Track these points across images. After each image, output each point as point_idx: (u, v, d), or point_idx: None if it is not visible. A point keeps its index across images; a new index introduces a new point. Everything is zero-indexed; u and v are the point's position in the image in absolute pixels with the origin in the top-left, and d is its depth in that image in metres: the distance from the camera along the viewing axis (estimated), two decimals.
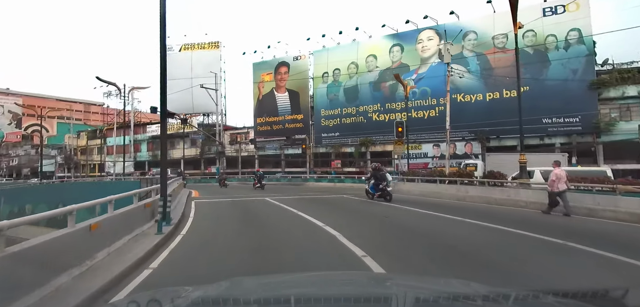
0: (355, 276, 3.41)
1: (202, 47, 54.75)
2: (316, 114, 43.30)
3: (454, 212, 10.91)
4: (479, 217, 9.69)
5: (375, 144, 39.80)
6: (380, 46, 39.85)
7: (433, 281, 2.98)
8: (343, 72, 41.37)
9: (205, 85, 46.01)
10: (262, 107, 46.95)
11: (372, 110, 39.78)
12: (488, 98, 35.42)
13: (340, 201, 15.25)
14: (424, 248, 6.43)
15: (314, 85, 43.63)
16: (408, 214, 11.06)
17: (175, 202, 13.00)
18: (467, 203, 13.44)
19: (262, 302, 1.70)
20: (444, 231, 8.41)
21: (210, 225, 9.30)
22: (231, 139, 50.07)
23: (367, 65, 40.18)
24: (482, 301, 1.77)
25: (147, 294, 2.15)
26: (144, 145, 58.25)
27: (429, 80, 37.32)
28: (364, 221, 9.95)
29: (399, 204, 13.13)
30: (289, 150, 44.94)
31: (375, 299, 1.76)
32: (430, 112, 37.37)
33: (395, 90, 38.69)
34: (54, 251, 4.40)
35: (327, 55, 42.59)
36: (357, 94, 40.59)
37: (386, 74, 39.23)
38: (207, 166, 51.09)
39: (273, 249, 6.42)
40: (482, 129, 34.75)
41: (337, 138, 41.78)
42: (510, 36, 34.73)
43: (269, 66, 46.66)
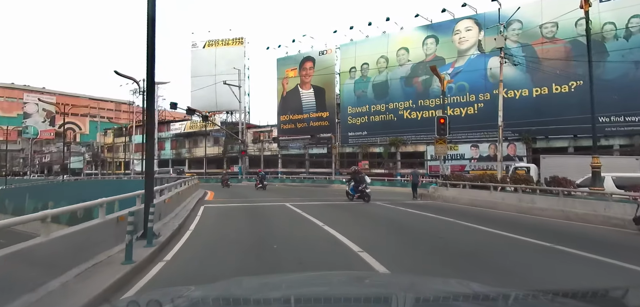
0: (356, 276, 3.31)
1: (226, 44, 53.53)
2: (342, 111, 40.87)
3: (529, 232, 8.24)
4: (581, 244, 6.95)
5: (406, 143, 36.94)
6: (412, 38, 36.96)
7: (433, 281, 2.80)
8: (372, 66, 38.72)
9: (228, 82, 44.62)
10: (286, 104, 44.98)
11: (403, 108, 36.95)
12: (535, 94, 31.91)
13: (378, 211, 12.77)
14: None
15: (340, 81, 41.22)
16: (470, 233, 8.49)
17: (179, 208, 10.99)
18: (536, 217, 10.67)
19: (262, 303, 1.65)
20: (533, 263, 5.86)
21: (210, 246, 7.05)
22: (254, 137, 48.43)
23: (398, 59, 37.37)
24: (482, 301, 1.76)
25: (147, 294, 2.33)
26: (167, 144, 57.66)
27: (466, 74, 34.16)
28: (419, 244, 7.38)
29: (451, 218, 10.52)
30: (313, 149, 42.74)
31: (376, 299, 1.78)
32: (468, 110, 34.16)
33: (429, 85, 35.72)
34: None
35: (355, 49, 40.06)
36: (387, 90, 37.86)
37: (419, 68, 36.31)
38: (230, 165, 49.67)
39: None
40: (527, 128, 31.29)
41: (364, 137, 39.20)
42: (560, 24, 31.19)
43: (294, 61, 44.63)
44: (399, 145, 37.07)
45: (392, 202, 15.41)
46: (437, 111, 35.34)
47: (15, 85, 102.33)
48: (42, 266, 3.97)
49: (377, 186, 32.01)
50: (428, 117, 35.54)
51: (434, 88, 35.46)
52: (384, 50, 38.19)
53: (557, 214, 10.38)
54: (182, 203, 11.74)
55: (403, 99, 36.93)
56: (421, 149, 36.42)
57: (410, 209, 12.69)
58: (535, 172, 19.18)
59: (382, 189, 29.35)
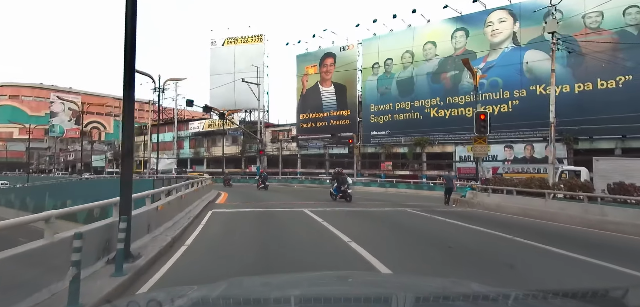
0: (356, 276, 3.19)
1: (245, 41, 52.49)
2: (364, 109, 38.97)
3: (627, 259, 6.29)
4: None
5: (433, 143, 34.71)
6: (440, 31, 34.71)
7: (433, 281, 2.80)
8: (396, 62, 36.67)
9: (247, 80, 43.48)
10: (306, 102, 43.42)
11: (429, 105, 34.74)
12: (577, 89, 29.18)
13: (413, 221, 10.91)
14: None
15: (362, 77, 39.33)
16: (546, 259, 6.57)
17: (181, 215, 9.50)
18: (613, 235, 8.60)
19: (262, 303, 1.64)
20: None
21: (205, 273, 5.33)
22: (273, 136, 47.11)
23: (425, 53, 35.18)
24: (482, 301, 1.75)
25: (147, 294, 2.49)
26: (186, 142, 57.16)
27: (500, 69, 31.69)
28: (484, 272, 5.51)
29: (506, 233, 8.58)
30: (333, 149, 41.00)
31: (376, 299, 1.78)
32: (502, 107, 31.68)
33: (458, 81, 33.42)
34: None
35: (378, 44, 38.08)
36: (413, 86, 35.72)
37: (447, 63, 34.05)
38: (248, 164, 48.57)
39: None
40: (568, 127, 28.60)
41: (387, 136, 37.17)
42: (606, 13, 28.37)
43: (314, 58, 43.02)
44: (425, 145, 34.88)
45: (425, 209, 13.51)
46: (467, 109, 33.06)
47: (43, 86, 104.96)
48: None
49: (402, 188, 30.06)
50: (457, 116, 33.29)
51: (464, 84, 33.16)
52: (410, 45, 36.07)
53: (638, 230, 8.30)
54: (185, 208, 10.24)
55: (430, 96, 34.72)
56: (449, 150, 34.15)
57: (451, 219, 10.76)
58: (586, 176, 16.85)
59: (408, 193, 27.33)
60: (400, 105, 36.35)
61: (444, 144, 34.34)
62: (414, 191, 27.93)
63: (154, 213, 7.06)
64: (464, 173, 33.12)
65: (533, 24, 30.92)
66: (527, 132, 30.80)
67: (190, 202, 11.39)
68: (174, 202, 8.96)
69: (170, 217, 8.35)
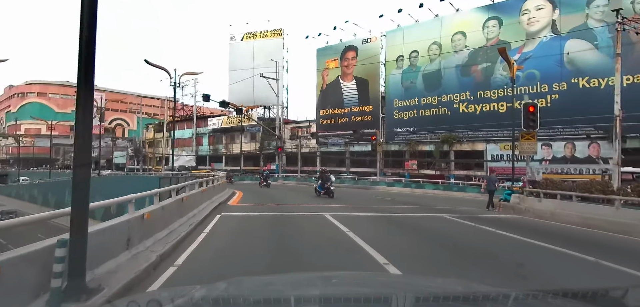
0: (356, 276, 3.15)
1: (264, 36, 51.27)
2: (388, 105, 37.00)
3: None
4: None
5: (462, 141, 32.44)
6: (470, 21, 32.38)
7: (433, 281, 2.79)
8: (422, 54, 34.54)
9: (265, 75, 42.26)
10: (326, 97, 41.76)
11: (458, 100, 32.48)
12: (626, 82, 26.31)
13: (455, 230, 9.10)
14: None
15: (386, 71, 37.35)
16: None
17: (182, 221, 8.08)
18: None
19: (262, 303, 1.64)
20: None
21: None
22: (291, 133, 45.71)
23: (454, 45, 32.93)
24: (482, 300, 1.74)
25: (147, 294, 2.48)
26: (205, 139, 56.56)
27: (537, 61, 29.18)
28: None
29: (580, 252, 6.75)
30: (355, 147, 39.21)
31: (376, 299, 1.76)
32: (539, 102, 28.91)
33: (490, 74, 31.06)
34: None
35: (403, 36, 36.01)
36: (440, 80, 33.53)
37: (478, 54, 31.72)
38: (267, 162, 47.39)
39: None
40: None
41: (412, 134, 35.10)
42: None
43: (335, 51, 41.30)
44: (453, 143, 32.65)
45: (464, 215, 11.67)
46: (500, 104, 30.69)
47: (69, 83, 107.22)
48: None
49: (429, 189, 28.06)
50: (488, 111, 30.97)
51: (497, 77, 30.80)
52: (437, 36, 33.87)
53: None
54: (187, 213, 8.81)
55: (459, 91, 32.46)
56: (479, 148, 31.83)
57: (504, 231, 8.91)
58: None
59: (436, 195, 25.33)
60: (426, 101, 34.23)
61: (473, 142, 32.06)
62: (443, 192, 25.93)
63: (139, 222, 5.61)
64: (496, 173, 30.79)
65: (575, 11, 28.28)
66: (568, 129, 28.21)
67: (195, 204, 9.97)
68: (171, 207, 7.52)
69: (164, 224, 6.90)
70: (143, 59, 26.43)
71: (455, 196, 24.05)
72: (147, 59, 26.71)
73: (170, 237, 6.63)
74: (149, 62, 26.94)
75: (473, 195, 24.61)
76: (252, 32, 52.20)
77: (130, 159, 72.38)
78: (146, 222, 5.86)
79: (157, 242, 6.14)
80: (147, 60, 26.72)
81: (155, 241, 6.11)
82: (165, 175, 24.60)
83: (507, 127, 29.82)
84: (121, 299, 3.20)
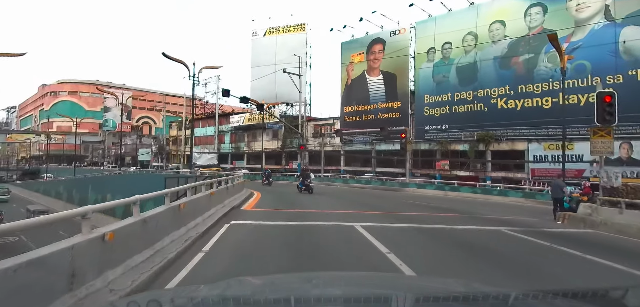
0: (356, 277, 3.12)
1: (287, 31, 49.77)
2: (417, 101, 34.60)
3: None
4: None
5: (500, 140, 29.71)
6: (510, 8, 29.57)
7: (433, 281, 2.81)
8: (456, 46, 31.96)
9: (288, 71, 40.69)
10: (351, 93, 39.72)
11: (496, 95, 29.76)
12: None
13: (539, 260, 6.85)
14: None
15: (415, 64, 34.93)
16: None
17: (182, 231, 6.43)
18: None
19: (262, 303, 1.65)
20: None
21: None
22: (314, 131, 43.94)
23: (491, 35, 30.21)
24: (482, 301, 1.74)
25: (147, 294, 2.34)
26: (227, 137, 55.69)
27: (587, 50, 26.14)
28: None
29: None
30: (381, 145, 37.03)
31: (376, 299, 1.76)
32: (590, 97, 25.99)
33: (533, 66, 28.21)
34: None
35: (435, 26, 33.50)
36: (476, 73, 30.88)
37: (519, 45, 28.91)
38: (289, 161, 45.91)
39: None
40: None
41: (444, 131, 32.59)
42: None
43: (360, 45, 39.20)
44: (490, 142, 29.94)
45: (527, 230, 9.47)
46: (544, 99, 27.81)
47: (99, 82, 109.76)
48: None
49: (465, 192, 25.65)
50: (531, 107, 28.16)
51: (541, 69, 27.92)
52: (472, 26, 31.22)
53: None
54: (186, 223, 7.12)
55: (497, 85, 29.73)
56: (520, 147, 29.03)
57: (591, 255, 6.76)
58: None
59: (474, 199, 22.88)
60: (460, 96, 31.64)
61: (513, 141, 29.29)
62: (481, 197, 23.51)
63: (96, 247, 3.90)
64: (538, 176, 27.99)
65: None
66: (624, 127, 25.07)
67: (199, 211, 8.30)
68: (160, 218, 5.82)
69: (147, 243, 5.21)
70: (161, 52, 25.17)
71: (496, 200, 21.62)
72: (164, 52, 25.59)
73: (152, 262, 4.92)
74: (167, 55, 25.79)
75: (516, 200, 22.11)
76: (275, 27, 50.83)
77: (154, 156, 72.81)
78: (111, 245, 4.15)
79: (129, 271, 4.44)
80: (165, 53, 25.60)
81: (126, 271, 4.40)
82: (173, 174, 23.27)
83: (553, 125, 26.99)
84: (121, 299, 3.18)
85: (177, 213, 6.75)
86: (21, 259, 2.91)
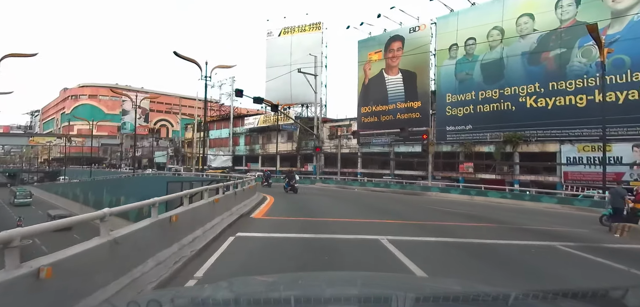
0: (357, 277, 3.06)
1: (302, 30, 48.73)
2: (439, 100, 32.94)
3: None
4: None
5: (529, 141, 27.81)
6: (539, 0, 27.70)
7: (433, 281, 2.69)
8: (480, 41, 30.21)
9: (303, 70, 39.62)
10: (368, 93, 38.29)
11: (525, 93, 27.89)
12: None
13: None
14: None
15: (436, 62, 33.30)
16: None
17: (167, 253, 5.25)
18: None
19: (263, 303, 1.63)
20: None
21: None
22: (330, 132, 42.66)
23: (519, 29, 28.38)
24: (482, 300, 1.73)
25: (147, 294, 2.47)
26: (242, 139, 54.94)
27: (626, 44, 24.12)
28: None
29: None
30: (400, 147, 35.48)
31: (376, 299, 1.75)
32: (630, 94, 24.05)
33: (565, 61, 26.27)
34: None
35: (457, 21, 31.81)
36: (502, 70, 29.07)
37: (550, 39, 27.00)
38: (304, 163, 44.75)
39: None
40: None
41: (468, 132, 30.85)
42: None
43: (378, 43, 37.75)
44: (518, 143, 28.07)
45: (587, 247, 7.96)
46: (578, 97, 25.82)
47: (118, 86, 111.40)
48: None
49: (494, 198, 23.88)
50: (563, 106, 26.24)
51: (574, 65, 25.97)
52: (498, 20, 29.41)
53: None
54: (180, 239, 5.96)
55: (526, 82, 27.85)
56: (551, 149, 27.09)
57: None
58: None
59: (504, 205, 21.12)
60: (485, 94, 29.86)
61: (543, 142, 27.36)
62: (511, 202, 21.75)
63: (21, 292, 2.73)
64: (571, 179, 25.99)
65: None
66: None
67: (200, 222, 7.15)
68: (136, 240, 4.64)
69: (119, 272, 4.02)
70: (173, 52, 24.37)
71: (529, 206, 19.89)
72: (176, 51, 24.81)
73: (134, 284, 3.73)
74: (178, 54, 25.00)
75: (551, 207, 20.31)
76: (290, 27, 49.86)
77: (170, 158, 72.88)
78: (49, 284, 2.96)
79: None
80: (176, 52, 24.82)
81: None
82: (177, 178, 22.30)
83: (588, 124, 25.02)
84: (121, 299, 3.24)
85: (168, 227, 5.58)
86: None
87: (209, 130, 62.75)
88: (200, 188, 8.27)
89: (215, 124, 61.04)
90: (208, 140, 62.83)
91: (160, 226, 5.29)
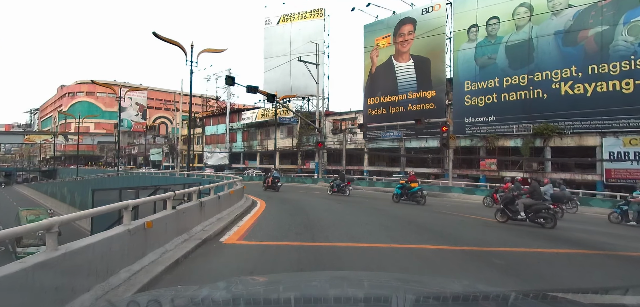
0: (357, 276, 3.01)
1: (302, 17, 45.27)
2: (456, 88, 29.38)
3: None
4: None
5: (563, 133, 24.22)
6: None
7: (433, 281, 2.75)
8: (504, 20, 26.61)
9: (304, 59, 36.10)
10: (376, 82, 34.77)
11: (559, 78, 24.29)
12: None
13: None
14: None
15: (454, 46, 29.70)
16: None
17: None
18: None
19: (262, 303, 1.62)
20: None
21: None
22: (334, 127, 39.16)
23: (551, 4, 24.74)
24: (482, 300, 1.70)
25: (147, 294, 2.35)
26: (239, 135, 51.59)
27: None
28: None
29: None
30: (411, 142, 31.95)
31: (376, 299, 1.72)
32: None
33: (608, 40, 22.62)
34: None
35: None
36: (531, 53, 25.46)
37: (588, 16, 23.37)
38: (305, 160, 41.35)
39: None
40: None
41: (491, 124, 27.30)
42: None
43: (386, 27, 34.19)
44: (551, 136, 24.47)
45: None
46: (623, 81, 22.14)
47: (116, 82, 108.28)
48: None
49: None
50: (605, 92, 22.60)
51: (619, 45, 22.32)
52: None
53: None
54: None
55: (560, 66, 24.24)
56: (590, 143, 23.49)
57: None
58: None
59: None
60: (511, 81, 26.26)
61: (581, 134, 23.76)
62: None
63: None
64: (615, 178, 22.40)
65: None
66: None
67: (116, 263, 3.63)
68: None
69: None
70: (152, 32, 20.97)
71: (580, 214, 16.31)
72: (155, 32, 21.41)
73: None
74: (158, 35, 21.63)
75: (601, 212, 16.70)
76: (289, 14, 46.43)
77: (165, 156, 69.96)
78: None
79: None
80: (155, 33, 21.43)
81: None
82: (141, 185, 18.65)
83: (637, 114, 21.43)
84: (121, 299, 3.12)
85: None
86: None
87: (205, 126, 59.49)
88: (117, 204, 4.72)
89: (211, 119, 57.83)
90: (204, 136, 59.59)
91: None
